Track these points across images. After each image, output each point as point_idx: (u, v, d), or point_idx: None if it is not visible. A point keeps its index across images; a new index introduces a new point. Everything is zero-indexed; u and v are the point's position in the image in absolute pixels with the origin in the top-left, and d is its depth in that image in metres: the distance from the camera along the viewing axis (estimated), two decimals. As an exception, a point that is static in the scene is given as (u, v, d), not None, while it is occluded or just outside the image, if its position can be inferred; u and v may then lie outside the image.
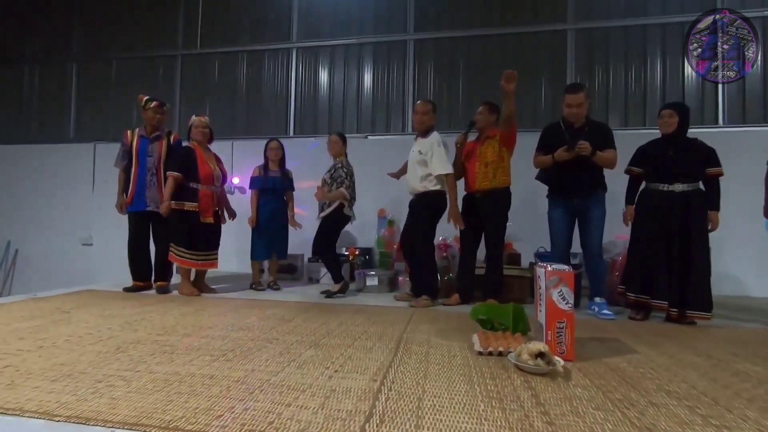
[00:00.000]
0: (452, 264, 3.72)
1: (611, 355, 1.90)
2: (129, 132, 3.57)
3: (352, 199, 3.55)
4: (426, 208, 3.13)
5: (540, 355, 1.60)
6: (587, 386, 1.49)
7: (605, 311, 2.80)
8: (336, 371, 1.59)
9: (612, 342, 2.16)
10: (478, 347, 1.87)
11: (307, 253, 4.65)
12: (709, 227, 2.67)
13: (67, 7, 5.96)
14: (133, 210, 3.51)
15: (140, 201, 3.47)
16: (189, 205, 3.39)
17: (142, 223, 3.51)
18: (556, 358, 1.65)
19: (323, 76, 5.27)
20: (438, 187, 3.11)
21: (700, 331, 2.48)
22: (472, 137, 3.24)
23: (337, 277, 3.55)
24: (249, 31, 5.46)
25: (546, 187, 3.08)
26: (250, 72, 5.45)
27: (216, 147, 3.80)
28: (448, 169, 3.07)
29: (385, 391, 1.39)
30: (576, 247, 3.07)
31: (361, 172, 3.83)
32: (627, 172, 2.94)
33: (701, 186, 2.72)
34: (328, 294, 3.51)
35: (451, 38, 4.93)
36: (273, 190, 3.84)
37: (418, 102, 3.24)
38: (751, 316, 3.00)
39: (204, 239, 3.47)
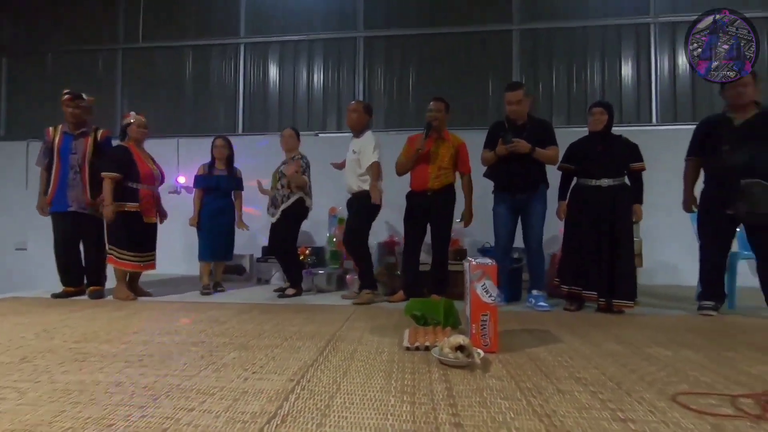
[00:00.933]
0: (399, 260, 3.73)
1: (536, 345, 1.95)
2: (51, 128, 3.38)
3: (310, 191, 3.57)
4: (363, 206, 3.15)
5: (460, 348, 1.62)
6: (502, 377, 1.52)
7: (542, 303, 2.89)
8: (254, 373, 1.55)
9: (541, 333, 2.22)
10: (405, 343, 1.87)
11: (256, 253, 4.57)
12: (634, 219, 2.80)
13: (-5, -4, 5.57)
14: (55, 210, 3.31)
15: (62, 201, 3.28)
16: (130, 206, 3.25)
17: (67, 225, 3.31)
18: (477, 350, 1.67)
19: (273, 72, 5.17)
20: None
21: (626, 320, 2.60)
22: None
23: (295, 281, 3.49)
24: (195, 25, 5.28)
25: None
26: (197, 68, 5.28)
27: (161, 145, 3.68)
28: (375, 158, 3.10)
29: (298, 391, 1.37)
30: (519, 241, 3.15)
31: (311, 171, 3.79)
32: (559, 168, 3.03)
33: (626, 180, 2.84)
34: (282, 293, 3.45)
35: (401, 36, 4.94)
36: (218, 189, 3.72)
37: (352, 102, 3.25)
38: (676, 304, 3.17)
39: (144, 240, 3.35)
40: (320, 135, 4.98)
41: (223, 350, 1.84)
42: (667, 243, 4.15)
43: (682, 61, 4.59)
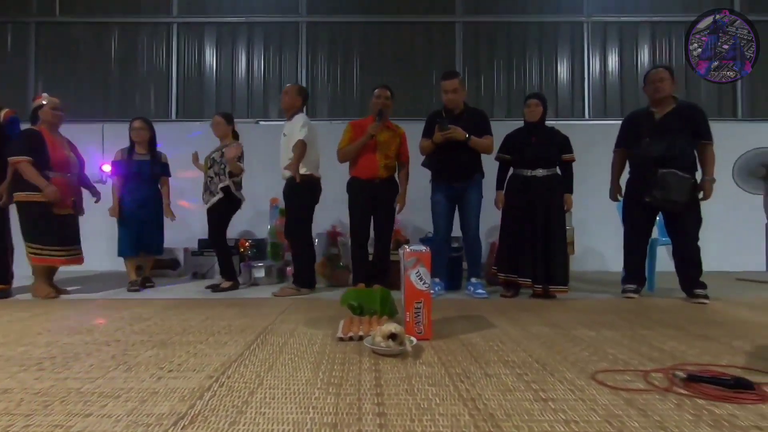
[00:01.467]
0: (343, 252, 3.67)
1: (469, 331, 1.97)
2: (-58, 108, 2.97)
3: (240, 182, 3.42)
4: (296, 193, 3.06)
5: (392, 336, 1.59)
6: (433, 363, 1.51)
7: (480, 291, 2.94)
8: (170, 371, 1.43)
9: (476, 319, 2.25)
10: (339, 333, 1.82)
11: (192, 246, 4.33)
12: (565, 208, 2.91)
13: None
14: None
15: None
16: (38, 196, 2.93)
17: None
18: (410, 337, 1.65)
19: (209, 55, 4.89)
20: (307, 171, 3.03)
21: (558, 304, 2.70)
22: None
23: (228, 273, 3.34)
24: (120, 0, 4.86)
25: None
26: (124, 47, 4.88)
27: (84, 131, 3.36)
28: (300, 136, 2.96)
29: (216, 388, 1.27)
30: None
31: (252, 159, 3.62)
32: (497, 158, 3.10)
33: (558, 171, 2.95)
34: (215, 288, 3.28)
35: (345, 23, 4.84)
36: (140, 176, 3.43)
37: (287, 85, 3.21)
38: (604, 288, 3.35)
39: (63, 232, 3.05)
40: (261, 123, 4.78)
41: (139, 348, 1.69)
42: (597, 231, 4.38)
43: (612, 59, 4.85)
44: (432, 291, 1.79)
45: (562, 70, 4.88)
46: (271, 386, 1.29)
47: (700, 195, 2.74)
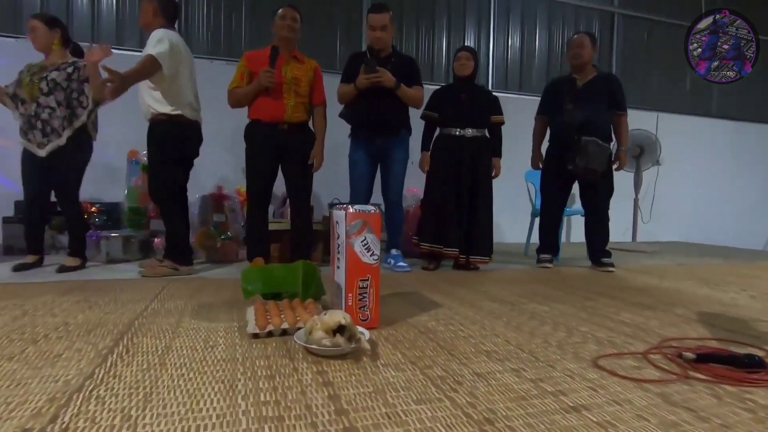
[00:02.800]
0: (231, 219, 2.98)
1: (416, 314, 1.59)
2: None
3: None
4: (160, 138, 2.29)
5: (339, 329, 1.12)
6: (400, 364, 1.09)
7: (401, 263, 2.60)
8: (-66, 427, 0.75)
9: (413, 296, 1.89)
10: (251, 328, 1.27)
11: (4, 211, 3.15)
12: (493, 173, 2.72)
13: None
14: None
15: None
16: None
17: None
18: (360, 329, 1.20)
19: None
20: (176, 110, 2.28)
21: (482, 276, 2.51)
22: None
23: (77, 245, 2.42)
24: None
25: (348, 128, 2.65)
26: None
27: None
28: (152, 51, 2.13)
29: (37, 459, 0.66)
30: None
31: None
32: (423, 117, 2.75)
33: (486, 133, 2.72)
34: (20, 266, 2.36)
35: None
36: None
37: None
38: (510, 258, 3.31)
39: None
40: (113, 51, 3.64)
41: None
42: (495, 203, 4.40)
43: (515, 36, 4.87)
44: (379, 264, 1.35)
45: (468, 39, 4.73)
46: (156, 437, 0.73)
47: (615, 165, 2.78)
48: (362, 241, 1.35)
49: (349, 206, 1.37)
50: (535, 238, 3.77)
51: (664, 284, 2.35)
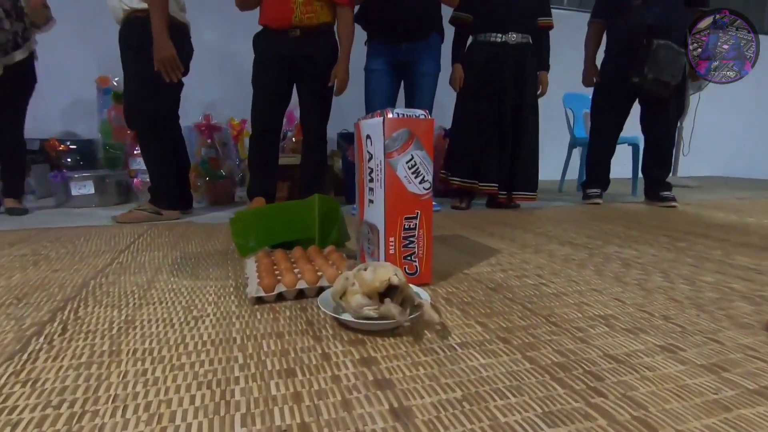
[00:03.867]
0: (223, 155, 2.52)
1: (473, 263, 1.20)
2: None
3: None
4: (132, 46, 1.77)
5: (388, 291, 0.72)
6: (485, 343, 0.70)
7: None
8: None
9: (458, 240, 1.49)
10: (254, 290, 0.87)
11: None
12: (539, 91, 2.23)
13: None
14: None
15: None
16: None
17: None
18: (416, 289, 0.80)
19: None
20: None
21: (528, 214, 2.10)
22: None
23: (16, 188, 2.03)
24: None
25: (364, 34, 2.11)
26: None
27: None
28: None
29: None
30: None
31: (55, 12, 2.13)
32: (453, 20, 2.21)
33: (530, 40, 2.19)
34: (11, 210, 1.97)
35: None
36: None
37: None
38: (543, 196, 2.85)
39: None
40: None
41: None
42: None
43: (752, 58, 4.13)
44: (431, 195, 0.94)
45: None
46: None
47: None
48: (408, 161, 0.92)
49: (388, 111, 0.92)
50: (571, 174, 3.35)
51: (747, 220, 1.95)
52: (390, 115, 0.91)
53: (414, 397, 0.54)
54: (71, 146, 2.84)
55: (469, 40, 2.22)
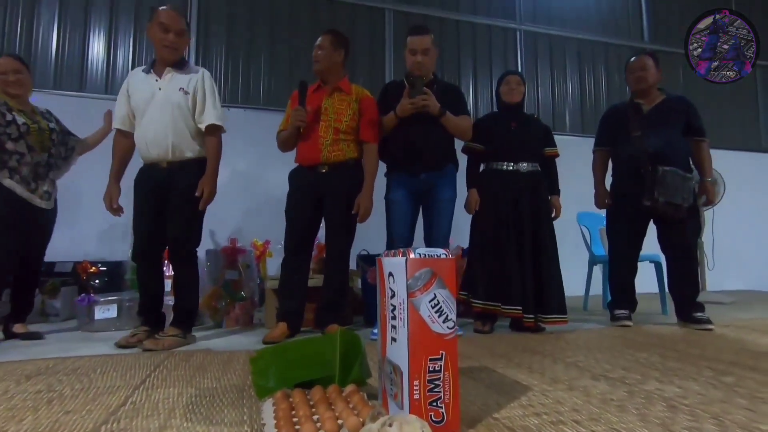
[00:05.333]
0: (246, 277, 2.58)
1: (503, 404, 1.12)
2: None
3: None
4: (192, 186, 1.93)
5: (416, 453, 0.66)
6: None
7: (452, 326, 2.12)
8: None
9: (485, 373, 1.42)
10: (270, 440, 0.82)
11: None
12: (553, 215, 2.30)
13: None
14: None
15: None
16: None
17: None
18: (444, 446, 0.74)
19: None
20: (202, 152, 2.00)
21: (555, 339, 2.01)
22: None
23: (24, 312, 2.12)
24: None
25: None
26: None
27: None
28: (221, 120, 2.00)
29: None
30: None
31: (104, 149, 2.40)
32: (466, 150, 2.40)
33: (538, 168, 2.34)
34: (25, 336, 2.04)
35: (251, -9, 3.86)
36: None
37: (168, 9, 1.95)
38: (576, 315, 2.79)
39: None
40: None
41: None
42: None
43: (543, 71, 4.64)
44: (456, 335, 0.91)
45: (496, 74, 4.51)
46: None
47: (702, 199, 2.34)
48: (431, 300, 0.92)
49: (410, 249, 0.96)
50: (595, 290, 3.27)
51: (794, 346, 1.82)
52: (412, 255, 0.94)
53: None
54: (101, 267, 2.96)
55: (482, 166, 2.37)
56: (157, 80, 1.97)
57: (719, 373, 1.40)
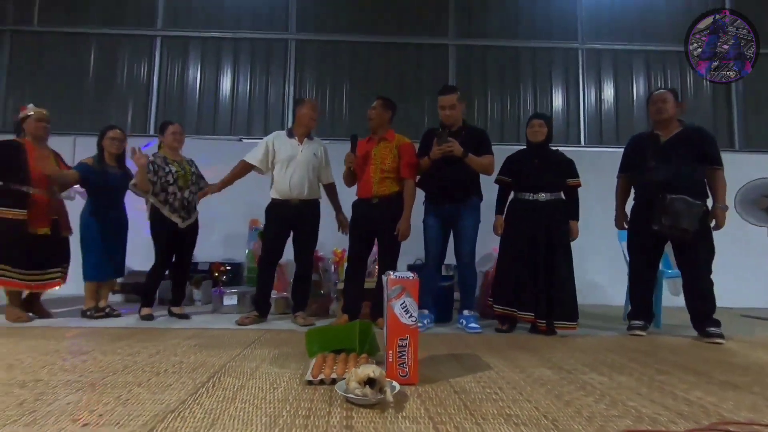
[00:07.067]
0: (324, 279, 3.38)
1: (462, 374, 1.68)
2: None
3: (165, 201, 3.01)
4: (316, 217, 2.95)
5: (369, 381, 1.30)
6: (419, 417, 1.22)
7: (472, 325, 2.66)
8: (84, 426, 1.12)
9: (470, 359, 1.97)
10: (307, 375, 1.52)
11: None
12: (570, 237, 2.69)
13: None
14: None
15: None
16: (11, 213, 2.76)
17: None
18: (391, 382, 1.37)
19: (192, 70, 4.70)
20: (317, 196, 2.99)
21: (559, 342, 2.43)
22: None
23: (180, 299, 3.11)
24: (102, 11, 4.69)
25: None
26: (102, 59, 4.67)
27: (55, 142, 3.10)
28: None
29: (133, 453, 0.97)
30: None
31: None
32: (497, 181, 2.89)
33: (562, 196, 2.74)
34: (180, 315, 3.01)
35: (335, 42, 4.72)
36: (114, 190, 3.12)
37: (312, 100, 3.03)
38: (606, 324, 3.09)
39: (38, 254, 2.85)
40: (244, 140, 4.55)
41: (58, 392, 1.38)
42: (595, 262, 4.16)
43: (607, 86, 4.77)
44: (420, 324, 1.52)
45: (556, 96, 4.78)
46: (209, 450, 1.00)
47: (712, 224, 2.54)
48: (401, 304, 1.54)
49: (391, 272, 1.59)
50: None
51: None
52: (391, 276, 1.57)
53: (356, 432, 1.10)
54: (228, 267, 4.02)
55: (511, 195, 2.84)
56: (299, 145, 2.91)
57: (658, 373, 1.77)
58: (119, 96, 4.67)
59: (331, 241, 4.00)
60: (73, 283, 3.12)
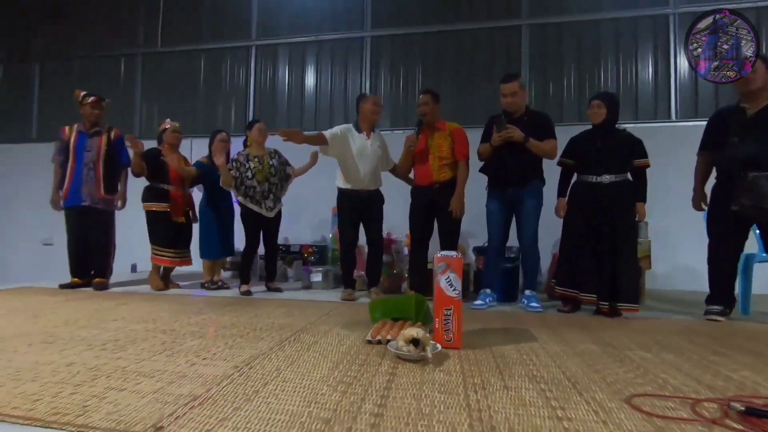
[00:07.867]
0: (396, 259, 3.68)
1: (505, 343, 1.86)
2: (67, 128, 3.57)
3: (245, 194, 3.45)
4: (381, 203, 3.28)
5: (414, 341, 1.57)
6: (452, 371, 1.46)
7: (534, 304, 2.77)
8: (204, 359, 1.55)
9: (519, 332, 2.13)
10: (367, 336, 1.83)
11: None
12: (636, 218, 2.64)
13: (27, 6, 5.95)
14: (68, 205, 3.50)
15: (76, 196, 3.47)
16: (158, 206, 3.53)
17: (79, 219, 3.49)
18: (434, 344, 1.61)
19: (281, 73, 5.26)
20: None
21: (621, 324, 2.44)
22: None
23: (272, 275, 3.63)
24: (209, 29, 5.45)
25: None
26: (210, 70, 5.44)
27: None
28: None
29: (235, 377, 1.36)
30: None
31: (317, 170, 3.72)
32: (559, 164, 2.91)
33: (629, 177, 2.69)
34: (272, 289, 3.53)
35: (407, 35, 4.91)
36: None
37: (374, 96, 3.27)
38: (686, 309, 2.96)
39: (177, 238, 3.60)
40: (327, 134, 5.00)
41: (187, 338, 1.86)
42: (684, 245, 3.90)
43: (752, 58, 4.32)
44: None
45: (643, 69, 4.46)
46: (286, 379, 1.35)
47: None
48: (446, 279, 1.77)
49: (438, 252, 1.82)
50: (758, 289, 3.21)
51: None
52: (438, 255, 1.79)
53: (402, 378, 1.37)
54: (314, 249, 4.53)
55: (574, 178, 2.85)
56: (366, 139, 3.21)
57: (713, 353, 1.77)
58: (224, 100, 5.40)
59: (404, 225, 4.30)
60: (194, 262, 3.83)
